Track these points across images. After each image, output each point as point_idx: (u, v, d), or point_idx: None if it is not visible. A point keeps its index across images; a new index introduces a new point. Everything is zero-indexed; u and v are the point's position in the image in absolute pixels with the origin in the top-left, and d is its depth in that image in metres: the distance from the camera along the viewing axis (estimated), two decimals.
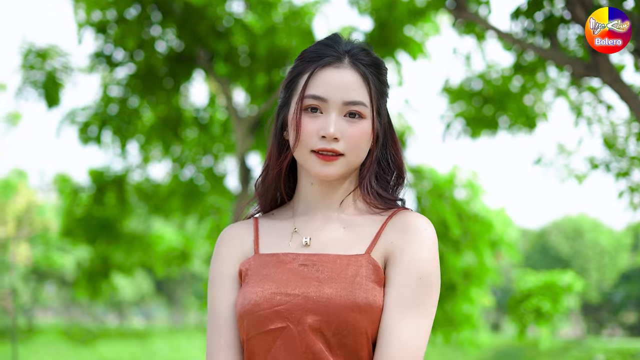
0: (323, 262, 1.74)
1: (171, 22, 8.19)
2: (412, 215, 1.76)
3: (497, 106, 7.60)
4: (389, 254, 1.72)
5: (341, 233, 1.79)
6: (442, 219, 7.95)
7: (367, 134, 1.78)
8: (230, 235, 1.92)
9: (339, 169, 1.77)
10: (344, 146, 1.76)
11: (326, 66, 1.78)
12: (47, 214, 26.73)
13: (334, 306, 1.66)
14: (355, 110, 1.76)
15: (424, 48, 8.19)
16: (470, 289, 8.07)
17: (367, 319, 1.66)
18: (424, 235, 1.71)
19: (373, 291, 1.67)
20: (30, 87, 9.10)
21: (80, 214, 10.04)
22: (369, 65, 1.80)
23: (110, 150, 9.45)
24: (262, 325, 1.71)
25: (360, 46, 1.84)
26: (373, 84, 1.79)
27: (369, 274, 1.69)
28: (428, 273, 1.68)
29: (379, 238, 1.74)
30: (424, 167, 8.86)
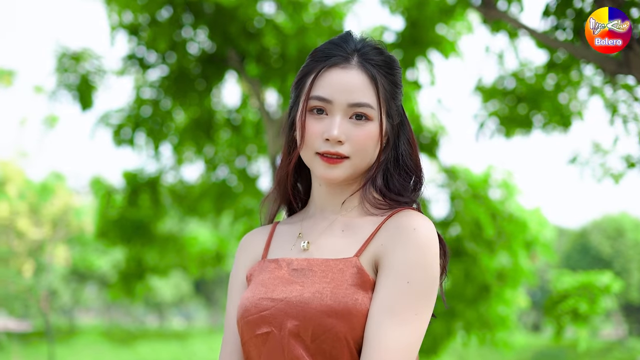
0: (312, 267, 1.71)
1: (202, 24, 8.20)
2: (408, 215, 1.69)
3: (531, 105, 7.49)
4: (379, 257, 1.66)
5: (339, 236, 1.75)
6: (476, 220, 7.87)
7: (373, 137, 1.73)
8: (246, 242, 1.94)
9: (344, 172, 1.74)
10: (348, 149, 1.71)
11: (332, 67, 1.74)
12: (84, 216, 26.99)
13: (310, 311, 1.63)
14: (361, 112, 1.72)
15: (456, 47, 8.10)
16: (505, 290, 7.97)
17: (345, 324, 1.61)
18: (415, 236, 1.64)
19: (354, 295, 1.61)
20: (64, 90, 9.20)
21: (115, 216, 10.10)
22: (379, 66, 1.75)
23: (144, 152, 9.51)
24: (252, 330, 1.71)
25: (372, 45, 1.79)
26: (382, 85, 1.74)
27: (351, 278, 1.64)
28: (418, 277, 1.61)
29: (371, 240, 1.69)
30: (458, 167, 8.77)
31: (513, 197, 8.56)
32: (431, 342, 7.86)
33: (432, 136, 8.85)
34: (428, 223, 1.67)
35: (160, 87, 8.99)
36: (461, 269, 7.88)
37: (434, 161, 8.87)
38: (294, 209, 1.95)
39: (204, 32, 8.47)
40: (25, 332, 36.60)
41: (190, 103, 8.95)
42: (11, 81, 30.37)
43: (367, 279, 1.64)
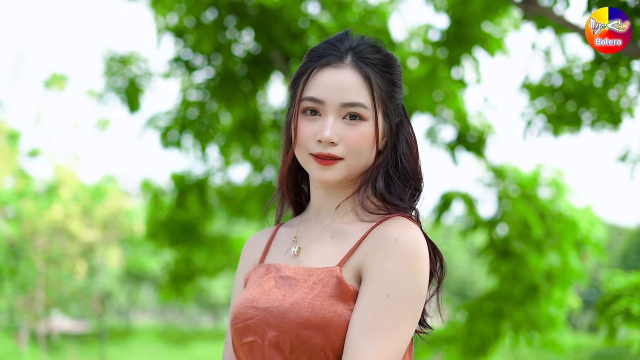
0: (296, 275, 1.69)
1: (247, 25, 8.24)
2: (394, 223, 1.63)
3: (579, 102, 7.35)
4: (362, 267, 1.62)
5: (327, 243, 1.71)
6: (524, 219, 7.77)
7: (368, 137, 1.69)
8: (249, 244, 1.92)
9: (339, 174, 1.69)
10: (342, 150, 1.67)
11: (325, 66, 1.70)
12: (135, 218, 27.31)
13: (288, 322, 1.60)
14: (354, 112, 1.68)
15: (502, 44, 8.00)
16: (554, 290, 7.85)
17: (323, 337, 1.58)
18: (396, 247, 1.58)
19: (332, 307, 1.58)
20: (112, 93, 9.32)
21: (164, 218, 10.17)
22: (374, 64, 1.71)
23: (191, 154, 9.57)
24: (239, 338, 1.69)
25: (368, 43, 1.74)
26: (377, 84, 1.70)
27: (331, 289, 1.60)
28: (398, 291, 1.56)
29: (356, 249, 1.64)
30: (506, 166, 8.66)
31: (563, 196, 8.42)
32: (479, 343, 7.77)
33: (479, 135, 8.75)
34: (413, 233, 1.61)
35: (206, 89, 9.05)
36: (509, 269, 7.78)
37: (481, 160, 8.78)
38: (301, 209, 1.92)
39: (249, 33, 8.50)
40: (82, 333, 37.16)
41: (236, 105, 8.98)
42: (64, 86, 30.89)
43: (346, 290, 1.59)
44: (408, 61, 8.28)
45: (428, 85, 8.01)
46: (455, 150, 8.89)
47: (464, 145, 8.87)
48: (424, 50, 8.18)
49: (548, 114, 7.68)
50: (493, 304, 7.77)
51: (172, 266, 11.11)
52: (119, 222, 27.67)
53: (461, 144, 8.88)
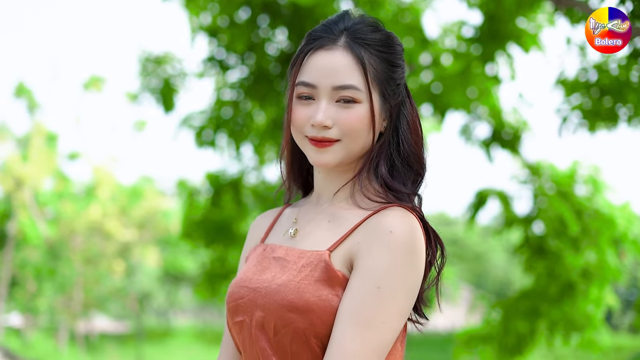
0: (288, 256, 1.68)
1: (280, 24, 8.24)
2: (391, 213, 1.61)
3: (616, 98, 7.25)
4: (354, 255, 1.60)
5: (324, 226, 1.71)
6: (560, 217, 7.68)
7: (363, 119, 1.67)
8: (254, 224, 1.94)
9: (335, 156, 1.68)
10: (337, 132, 1.66)
11: (318, 49, 1.69)
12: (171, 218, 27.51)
13: (273, 303, 1.60)
14: (347, 95, 1.66)
15: (538, 40, 7.92)
16: (592, 289, 7.75)
17: (305, 320, 1.57)
18: (390, 239, 1.56)
19: (317, 292, 1.57)
20: (148, 94, 9.39)
21: (199, 217, 10.22)
22: (369, 45, 1.69)
23: (226, 153, 9.61)
24: (232, 317, 1.70)
25: (366, 22, 1.73)
26: (371, 65, 1.67)
27: (319, 273, 1.59)
28: (389, 283, 1.54)
29: (349, 236, 1.63)
30: (542, 163, 8.58)
31: (600, 193, 8.32)
32: (515, 342, 7.71)
33: (514, 132, 8.68)
34: (409, 224, 1.59)
35: (240, 88, 9.07)
36: (544, 267, 7.71)
37: (517, 157, 8.70)
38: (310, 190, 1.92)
39: (282, 32, 8.51)
40: (122, 333, 37.50)
41: (269, 103, 8.98)
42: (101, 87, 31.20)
43: (334, 275, 1.58)
44: (442, 58, 8.25)
45: (462, 82, 7.97)
46: (490, 147, 8.82)
47: (499, 143, 8.81)
48: (457, 47, 8.14)
49: (584, 110, 7.58)
50: (529, 302, 7.69)
51: (208, 265, 11.15)
52: (156, 222, 27.90)
53: (496, 141, 8.82)
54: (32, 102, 34.74)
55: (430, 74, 8.36)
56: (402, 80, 1.76)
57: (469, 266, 50.23)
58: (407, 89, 1.78)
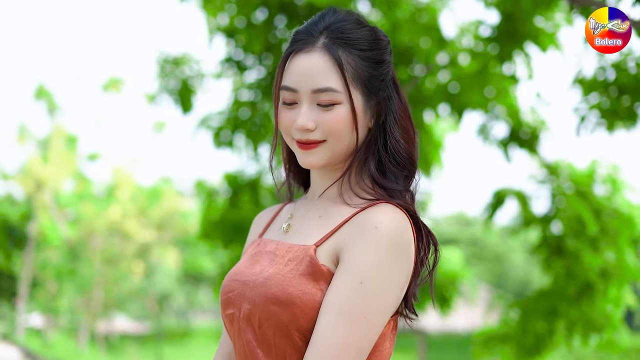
0: (277, 250, 1.71)
1: (297, 24, 8.24)
2: (378, 209, 1.62)
3: (634, 97, 7.22)
4: (340, 250, 1.61)
5: (314, 222, 1.73)
6: (579, 216, 7.65)
7: (344, 120, 1.67)
8: (256, 219, 1.99)
9: (321, 157, 1.70)
10: (320, 134, 1.67)
11: (298, 52, 1.70)
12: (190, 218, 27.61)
13: (258, 296, 1.62)
14: (325, 98, 1.66)
15: (555, 39, 7.89)
16: (611, 289, 7.71)
17: (287, 313, 1.59)
18: (375, 235, 1.57)
19: (301, 285, 1.58)
20: (166, 95, 9.44)
21: (217, 218, 10.25)
22: (348, 44, 1.68)
23: (244, 154, 9.63)
24: (224, 309, 1.74)
25: (347, 19, 1.72)
26: (350, 64, 1.67)
27: (302, 267, 1.61)
28: (372, 279, 1.55)
29: (336, 232, 1.64)
30: (560, 162, 8.55)
31: (619, 192, 8.28)
32: (534, 342, 7.68)
33: (531, 131, 8.65)
34: (397, 221, 1.60)
35: (257, 88, 9.09)
36: (563, 267, 7.68)
37: (535, 157, 8.68)
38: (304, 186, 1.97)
39: None
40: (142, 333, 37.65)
41: None
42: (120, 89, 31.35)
43: (318, 270, 1.59)
44: (459, 58, 8.24)
45: (479, 81, 7.96)
46: (508, 147, 8.81)
47: (516, 142, 8.79)
48: (474, 46, 8.13)
49: (602, 109, 7.55)
50: (547, 302, 7.67)
51: (227, 266, 11.19)
52: (174, 223, 28.02)
53: (514, 141, 8.80)
54: (52, 104, 34.97)
55: (448, 74, 8.35)
56: (388, 75, 1.75)
57: (489, 267, 50.07)
58: (395, 83, 1.78)
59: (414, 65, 8.36)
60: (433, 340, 33.46)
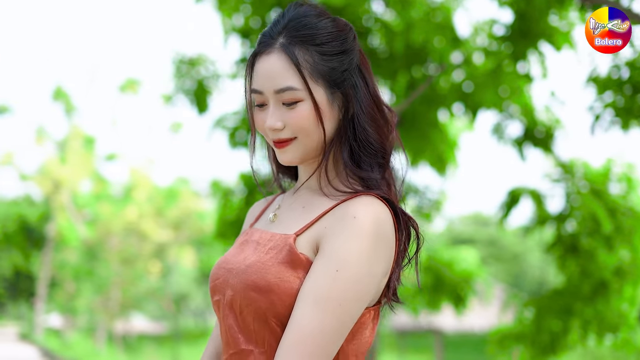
0: (260, 239, 1.76)
1: None
2: (358, 200, 1.65)
3: None
4: (319, 240, 1.65)
5: (298, 212, 1.77)
6: (593, 215, 7.64)
7: (308, 116, 1.71)
8: (250, 210, 2.04)
9: (295, 153, 1.75)
10: (289, 132, 1.72)
11: (260, 54, 1.74)
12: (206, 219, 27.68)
13: (240, 283, 1.67)
14: (287, 97, 1.70)
15: (570, 37, 7.89)
16: (625, 287, 7.70)
17: (266, 300, 1.62)
18: (353, 225, 1.60)
19: (279, 273, 1.62)
20: (182, 95, 9.50)
21: (232, 217, 10.28)
22: (305, 40, 1.72)
23: (258, 154, 9.66)
24: (212, 296, 1.79)
25: (306, 14, 1.75)
26: (307, 61, 1.71)
27: (282, 256, 1.65)
28: (348, 267, 1.58)
29: (317, 222, 1.68)
30: (575, 161, 8.54)
31: (635, 191, 8.27)
32: (549, 340, 7.68)
33: (546, 130, 8.65)
34: (375, 211, 1.63)
35: None
36: (577, 265, 7.68)
37: (550, 156, 8.68)
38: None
39: None
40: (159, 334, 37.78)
41: None
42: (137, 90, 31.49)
43: (297, 258, 1.63)
44: (473, 57, 8.25)
45: (494, 80, 7.97)
46: (523, 146, 8.81)
47: (531, 141, 8.79)
48: (488, 45, 8.13)
49: (617, 108, 7.53)
50: (561, 300, 7.66)
51: None
52: (191, 223, 28.11)
53: (528, 140, 8.80)
54: (70, 106, 35.18)
55: (462, 73, 8.36)
56: (351, 65, 1.77)
57: (506, 267, 49.95)
58: (361, 72, 1.79)
59: (428, 64, 8.38)
60: (449, 340, 33.41)
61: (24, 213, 40.81)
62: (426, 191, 10.15)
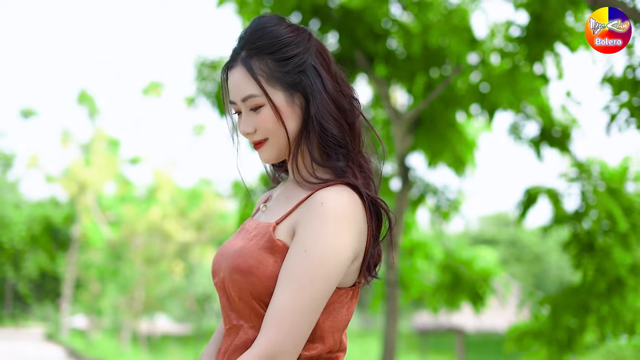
0: (249, 228, 1.96)
1: (330, 28, 8.39)
2: (328, 189, 1.82)
3: None
4: (295, 227, 1.83)
5: (281, 203, 1.97)
6: (610, 213, 7.71)
7: (270, 119, 1.90)
8: (257, 202, 2.21)
9: (270, 153, 1.95)
10: (260, 134, 1.92)
11: (230, 69, 1.96)
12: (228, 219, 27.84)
13: (228, 267, 1.88)
14: (251, 104, 1.91)
15: (585, 38, 7.95)
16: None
17: (247, 282, 1.82)
18: (320, 210, 1.77)
19: (259, 257, 1.81)
20: (203, 98, 9.66)
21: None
22: (258, 51, 1.92)
23: None
24: (213, 280, 1.99)
25: (260, 26, 1.95)
26: (260, 68, 1.90)
27: (263, 242, 1.83)
28: (316, 247, 1.75)
29: (294, 211, 1.86)
30: (592, 160, 8.60)
31: None
32: (566, 337, 7.75)
33: (562, 129, 8.74)
34: (343, 197, 1.80)
35: None
36: (593, 263, 7.73)
37: (566, 155, 8.75)
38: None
39: (333, 35, 8.65)
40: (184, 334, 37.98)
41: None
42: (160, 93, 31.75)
43: (275, 245, 1.82)
44: (490, 58, 8.34)
45: (510, 81, 8.05)
46: (540, 145, 8.89)
47: (548, 141, 8.87)
48: (505, 46, 8.22)
49: (632, 108, 7.58)
50: (577, 298, 7.73)
51: None
52: (213, 223, 28.29)
53: (545, 140, 8.88)
54: (94, 109, 35.53)
55: (479, 75, 8.46)
56: (303, 66, 1.93)
57: (528, 267, 49.79)
58: (316, 70, 1.94)
59: (445, 66, 8.49)
60: (471, 340, 33.40)
61: (50, 215, 41.24)
62: (445, 191, 10.25)
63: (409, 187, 8.86)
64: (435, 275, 10.28)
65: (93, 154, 34.06)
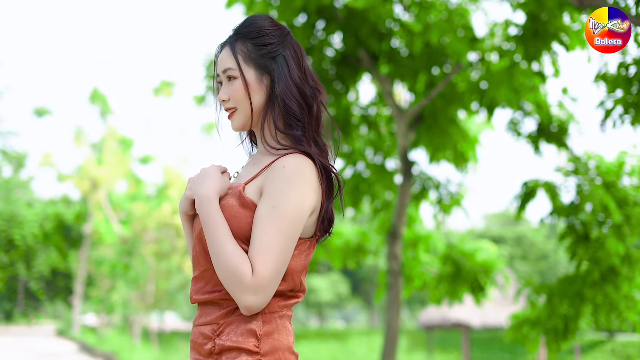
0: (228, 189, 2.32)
1: (336, 29, 8.62)
2: (289, 156, 2.21)
3: None
4: (263, 188, 2.21)
5: (250, 168, 2.36)
6: (605, 206, 7.91)
7: (241, 89, 2.31)
8: None
9: (238, 121, 2.35)
10: (232, 103, 2.33)
11: (221, 48, 2.38)
12: None
13: None
14: (228, 75, 2.32)
15: (582, 37, 8.17)
16: (637, 274, 7.95)
17: None
18: (282, 172, 2.17)
19: (232, 210, 2.20)
20: (212, 96, 9.94)
21: None
22: (242, 38, 2.34)
23: None
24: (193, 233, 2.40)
25: (250, 20, 2.38)
26: (241, 50, 2.33)
27: (237, 199, 2.22)
28: (280, 202, 2.14)
29: (261, 174, 2.25)
30: (589, 155, 8.79)
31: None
32: (563, 325, 7.94)
33: (558, 125, 8.96)
34: (300, 162, 2.19)
35: None
36: (588, 253, 7.93)
37: (564, 150, 8.97)
38: None
39: (338, 35, 8.87)
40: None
41: (328, 104, 9.37)
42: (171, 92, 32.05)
43: (246, 201, 2.20)
44: (489, 56, 8.58)
45: (509, 79, 8.28)
46: (538, 141, 9.11)
47: (546, 137, 9.09)
48: (504, 45, 8.45)
49: (627, 104, 7.79)
50: (573, 286, 7.95)
51: None
52: None
53: (543, 135, 9.10)
54: (106, 108, 35.88)
55: (479, 73, 8.70)
56: (275, 54, 2.33)
57: (534, 265, 49.88)
58: (286, 60, 2.34)
59: (446, 64, 8.74)
60: (477, 337, 33.55)
61: (62, 213, 41.60)
62: (447, 185, 10.49)
63: (412, 181, 9.14)
64: (437, 267, 10.52)
65: (105, 152, 34.41)
